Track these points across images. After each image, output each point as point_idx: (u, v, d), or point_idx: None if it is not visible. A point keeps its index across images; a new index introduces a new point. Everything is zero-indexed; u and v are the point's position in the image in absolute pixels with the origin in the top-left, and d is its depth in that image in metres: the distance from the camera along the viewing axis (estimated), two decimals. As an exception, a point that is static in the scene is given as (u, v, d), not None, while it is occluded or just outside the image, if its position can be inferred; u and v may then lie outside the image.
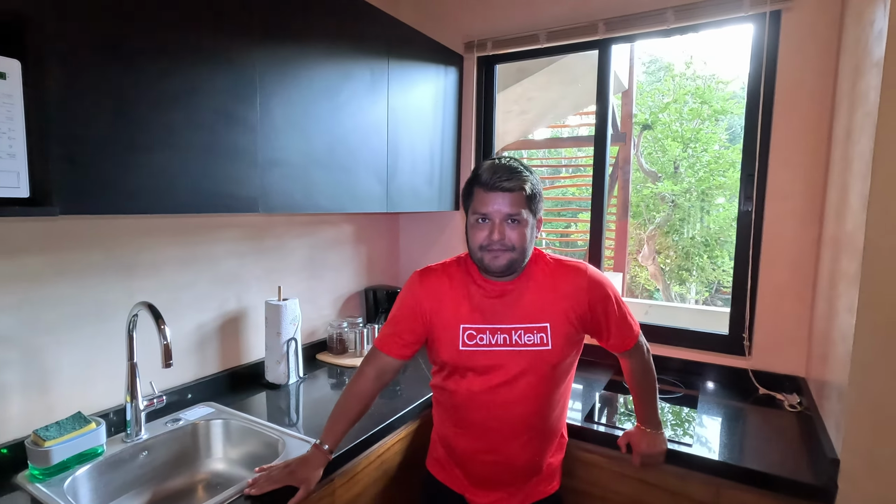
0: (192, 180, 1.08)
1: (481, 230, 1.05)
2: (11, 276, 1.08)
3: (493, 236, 1.03)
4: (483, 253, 1.05)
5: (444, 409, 1.16)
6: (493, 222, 1.03)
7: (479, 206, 1.05)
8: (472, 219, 1.07)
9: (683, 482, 1.22)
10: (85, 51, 0.88)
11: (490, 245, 1.04)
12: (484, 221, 1.05)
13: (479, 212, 1.05)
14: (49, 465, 1.03)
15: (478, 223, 1.06)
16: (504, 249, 1.04)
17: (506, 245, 1.03)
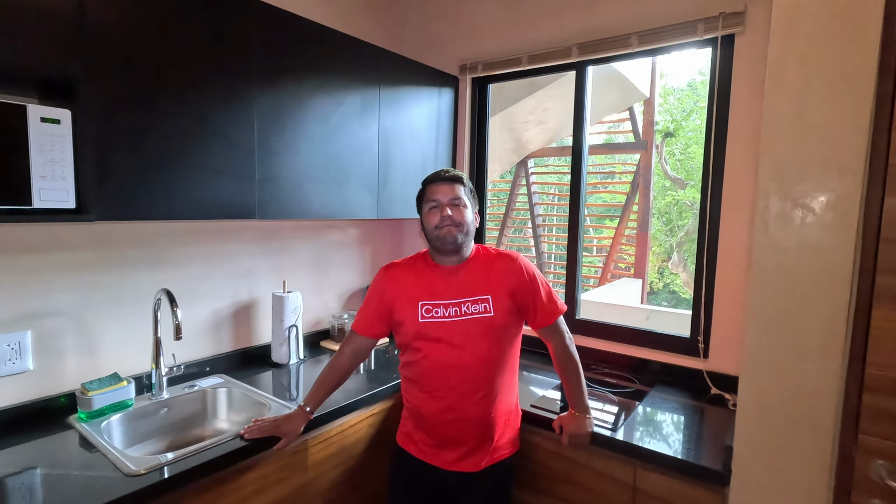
0: (198, 193, 1.37)
1: (434, 214, 1.32)
2: (69, 265, 1.41)
3: (444, 213, 1.30)
4: (438, 231, 1.31)
5: (412, 382, 1.37)
6: (442, 205, 1.31)
7: (430, 195, 1.34)
8: (426, 208, 1.34)
9: (607, 463, 1.38)
10: (116, 101, 1.19)
11: (442, 223, 1.30)
12: (436, 207, 1.32)
13: (430, 199, 1.33)
14: (91, 410, 1.35)
15: (431, 209, 1.33)
16: (455, 225, 1.30)
17: (454, 220, 1.30)
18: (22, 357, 1.34)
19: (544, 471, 1.50)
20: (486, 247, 1.43)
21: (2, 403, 1.31)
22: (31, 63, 1.07)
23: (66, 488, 1.06)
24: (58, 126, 1.09)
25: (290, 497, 1.38)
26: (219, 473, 1.21)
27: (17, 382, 1.34)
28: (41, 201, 1.08)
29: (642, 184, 4.17)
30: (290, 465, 1.38)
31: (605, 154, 4.82)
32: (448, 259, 1.36)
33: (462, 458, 1.35)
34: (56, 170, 1.10)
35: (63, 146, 1.10)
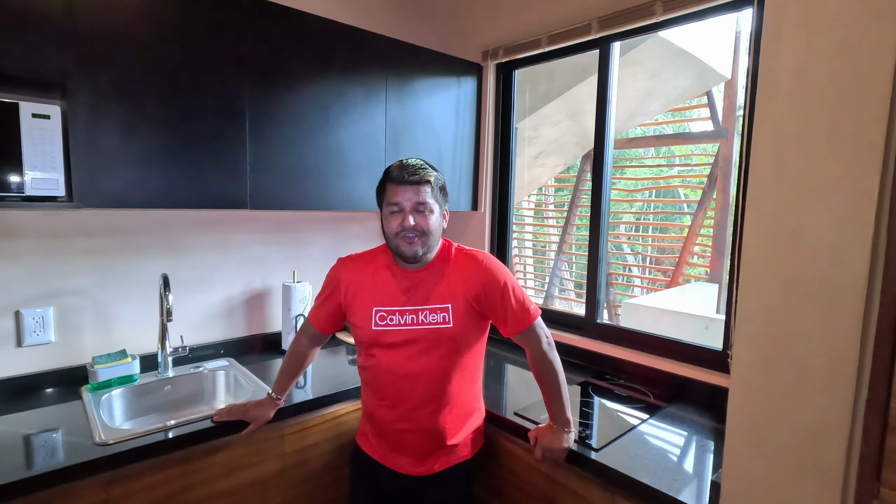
0: (188, 184, 1.44)
1: (395, 219, 1.19)
2: (88, 250, 1.57)
3: (405, 223, 1.18)
4: (398, 240, 1.20)
5: (367, 385, 1.31)
6: (404, 211, 1.19)
7: (391, 197, 1.20)
8: (387, 210, 1.22)
9: (585, 486, 1.22)
10: (106, 98, 1.29)
11: (403, 231, 1.18)
12: (398, 212, 1.20)
13: (391, 202, 1.20)
14: (98, 382, 1.49)
15: (391, 214, 1.20)
16: (417, 235, 1.19)
17: (417, 230, 1.18)
18: (45, 329, 1.50)
19: (522, 484, 1.37)
20: (453, 245, 1.30)
21: (27, 369, 1.49)
22: (23, 63, 1.18)
23: (49, 448, 1.17)
24: (48, 121, 1.21)
25: (262, 482, 1.41)
26: (185, 451, 1.27)
27: (40, 352, 1.51)
28: (33, 189, 1.20)
29: (721, 177, 3.70)
30: (262, 450, 1.40)
31: (675, 145, 4.34)
32: (411, 264, 1.25)
33: (415, 463, 1.27)
34: (46, 161, 1.21)
35: (53, 139, 1.21)
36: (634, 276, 4.96)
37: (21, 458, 1.13)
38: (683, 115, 4.36)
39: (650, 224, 4.83)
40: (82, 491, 1.12)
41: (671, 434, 1.34)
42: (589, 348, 1.86)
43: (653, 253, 4.71)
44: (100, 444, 1.19)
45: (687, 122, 4.34)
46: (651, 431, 1.35)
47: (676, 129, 4.58)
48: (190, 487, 1.28)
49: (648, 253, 4.84)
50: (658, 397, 1.56)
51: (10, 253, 1.44)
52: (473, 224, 2.32)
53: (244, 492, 1.38)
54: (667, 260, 4.30)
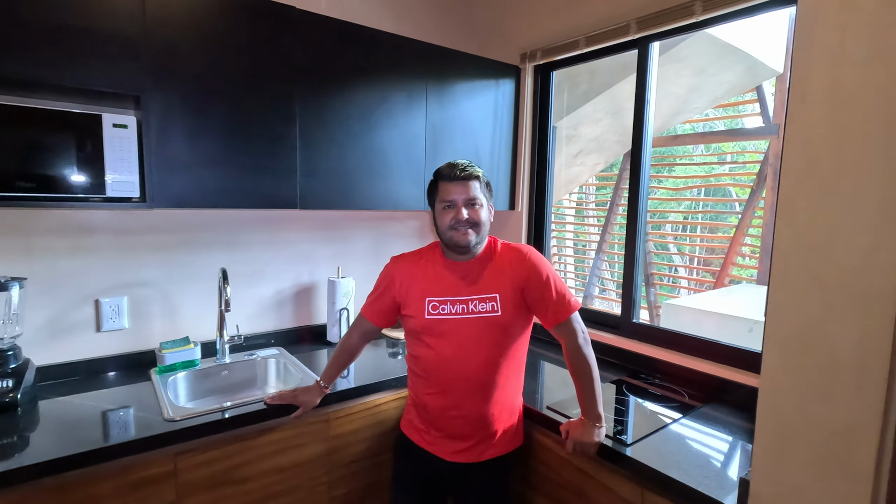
0: (244, 186, 1.56)
1: (448, 213, 1.30)
2: (157, 245, 1.73)
3: (459, 216, 1.28)
4: (452, 232, 1.30)
5: (417, 375, 1.40)
6: (457, 206, 1.28)
7: (444, 194, 1.31)
8: (440, 207, 1.32)
9: (615, 479, 1.25)
10: (174, 109, 1.42)
11: (457, 224, 1.28)
12: (450, 207, 1.30)
13: (445, 200, 1.31)
14: (164, 365, 1.64)
15: (445, 209, 1.31)
16: (470, 226, 1.28)
17: (470, 222, 1.28)
18: (120, 317, 1.67)
19: (554, 476, 1.41)
20: (498, 241, 1.39)
21: (106, 352, 1.66)
22: (105, 79, 1.33)
23: (124, 422, 1.32)
24: (125, 130, 1.35)
25: (309, 462, 1.52)
26: (240, 430, 1.39)
27: (116, 337, 1.68)
28: (112, 191, 1.35)
29: (771, 175, 3.55)
30: (309, 433, 1.51)
31: (722, 142, 4.17)
32: (458, 256, 1.35)
33: (461, 450, 1.34)
34: (124, 166, 1.35)
35: (129, 147, 1.36)
36: (680, 277, 4.83)
37: (102, 430, 1.28)
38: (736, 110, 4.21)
39: (697, 224, 4.69)
40: (154, 461, 1.25)
41: (704, 434, 1.35)
42: (624, 347, 1.87)
43: (699, 253, 4.57)
44: (168, 419, 1.32)
45: (737, 117, 4.18)
46: (684, 430, 1.36)
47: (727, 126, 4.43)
48: (245, 464, 1.40)
49: (695, 254, 4.69)
50: (693, 397, 1.56)
51: (91, 248, 1.61)
52: (511, 223, 2.36)
53: (293, 470, 1.49)
54: (714, 261, 4.17)
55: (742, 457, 1.25)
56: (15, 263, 1.49)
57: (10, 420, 1.30)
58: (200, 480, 1.33)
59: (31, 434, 1.25)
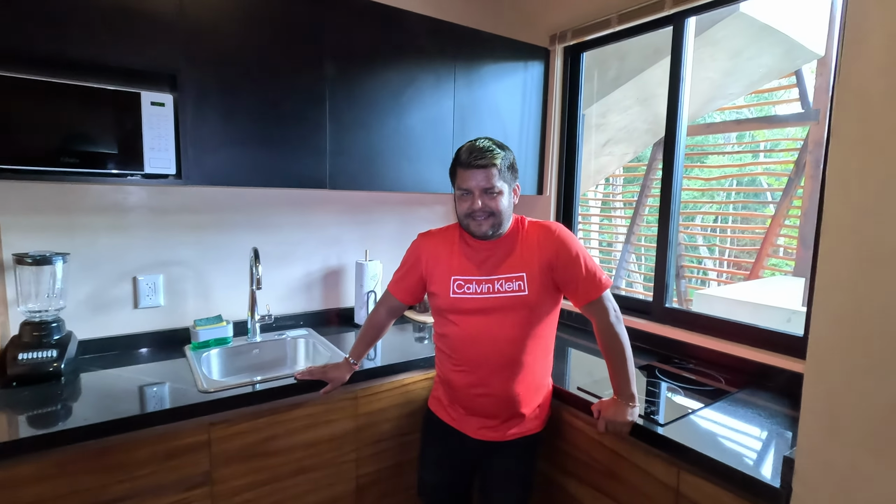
0: (275, 165, 1.58)
1: (465, 201, 1.28)
2: (192, 225, 1.76)
3: (474, 206, 1.25)
4: (468, 220, 1.28)
5: (444, 353, 1.39)
6: (473, 195, 1.26)
7: (461, 182, 1.28)
8: (458, 193, 1.30)
9: (649, 460, 1.22)
10: (209, 87, 1.45)
11: (473, 213, 1.26)
12: (467, 195, 1.27)
13: (461, 187, 1.28)
14: (198, 342, 1.68)
15: (462, 196, 1.29)
16: (485, 216, 1.26)
17: (486, 212, 1.25)
18: (156, 294, 1.72)
19: (584, 457, 1.39)
20: (526, 219, 1.36)
21: (143, 328, 1.71)
22: (143, 59, 1.36)
23: (161, 393, 1.36)
24: (163, 108, 1.38)
25: (337, 438, 1.53)
26: (271, 404, 1.41)
27: (152, 314, 1.73)
28: (151, 168, 1.38)
29: (810, 162, 3.41)
30: (337, 409, 1.52)
31: (759, 129, 4.02)
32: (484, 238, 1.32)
33: (488, 428, 1.33)
34: (161, 143, 1.39)
35: (166, 124, 1.39)
36: (710, 269, 4.69)
37: (140, 400, 1.32)
38: (768, 97, 4.06)
39: (728, 214, 4.55)
40: (189, 430, 1.28)
41: (741, 418, 1.30)
42: (656, 332, 1.82)
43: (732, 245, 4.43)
44: (203, 391, 1.35)
45: (771, 104, 4.04)
46: (720, 413, 1.32)
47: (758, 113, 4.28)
48: (276, 437, 1.42)
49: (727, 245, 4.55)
50: (730, 382, 1.51)
51: (129, 226, 1.66)
52: (539, 208, 2.33)
53: (322, 446, 1.51)
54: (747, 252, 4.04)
55: (781, 440, 1.21)
56: (59, 239, 1.55)
57: (54, 388, 1.35)
58: (233, 451, 1.35)
59: (75, 402, 1.29)
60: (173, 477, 1.27)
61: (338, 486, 1.55)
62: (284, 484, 1.45)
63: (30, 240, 1.51)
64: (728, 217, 4.54)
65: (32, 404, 1.26)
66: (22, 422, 1.17)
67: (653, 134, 4.36)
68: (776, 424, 1.28)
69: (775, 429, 1.26)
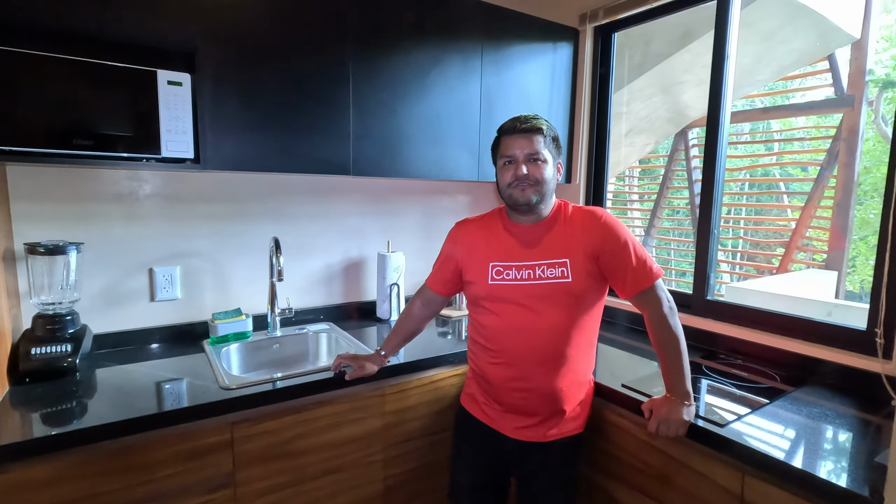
0: (297, 149, 1.50)
1: (508, 170, 1.21)
2: (208, 215, 1.69)
3: (518, 172, 1.18)
4: (511, 189, 1.21)
5: (479, 345, 1.30)
6: (517, 161, 1.19)
7: (504, 150, 1.22)
8: (500, 163, 1.24)
9: (708, 463, 1.12)
10: (228, 66, 1.37)
11: (516, 181, 1.19)
12: (510, 163, 1.21)
13: (505, 155, 1.22)
14: (217, 336, 1.60)
15: (505, 166, 1.22)
16: (529, 184, 1.18)
17: (530, 179, 1.18)
18: (173, 286, 1.64)
19: (630, 460, 1.29)
20: (569, 204, 1.28)
21: (160, 322, 1.64)
22: (158, 35, 1.28)
23: (180, 390, 1.28)
24: (180, 88, 1.30)
25: (364, 438, 1.45)
26: (297, 401, 1.33)
27: (169, 307, 1.65)
28: (168, 151, 1.30)
29: (844, 151, 3.27)
30: (365, 407, 1.44)
31: (789, 117, 3.87)
32: (524, 218, 1.25)
33: (527, 427, 1.24)
34: (178, 125, 1.30)
35: (184, 105, 1.31)
36: (735, 263, 4.55)
37: (159, 397, 1.25)
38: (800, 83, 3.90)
39: (753, 206, 4.41)
40: (211, 429, 1.21)
41: (806, 418, 1.20)
42: (698, 326, 1.72)
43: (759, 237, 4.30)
44: (224, 388, 1.27)
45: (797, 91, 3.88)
46: (782, 413, 1.22)
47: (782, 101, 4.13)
48: (301, 436, 1.34)
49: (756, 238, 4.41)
50: (784, 380, 1.40)
51: (144, 215, 1.58)
52: (566, 197, 2.22)
53: (348, 446, 1.43)
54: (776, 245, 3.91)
55: (860, 443, 1.10)
56: (72, 229, 1.47)
57: (68, 385, 1.28)
58: (257, 451, 1.28)
59: (91, 399, 1.22)
60: (196, 478, 1.20)
61: (365, 488, 1.48)
62: (310, 486, 1.38)
63: (41, 229, 1.44)
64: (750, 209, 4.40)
65: (48, 401, 1.19)
66: (37, 420, 1.10)
67: (675, 124, 4.24)
68: (846, 426, 1.18)
69: (847, 431, 1.16)
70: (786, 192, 4.21)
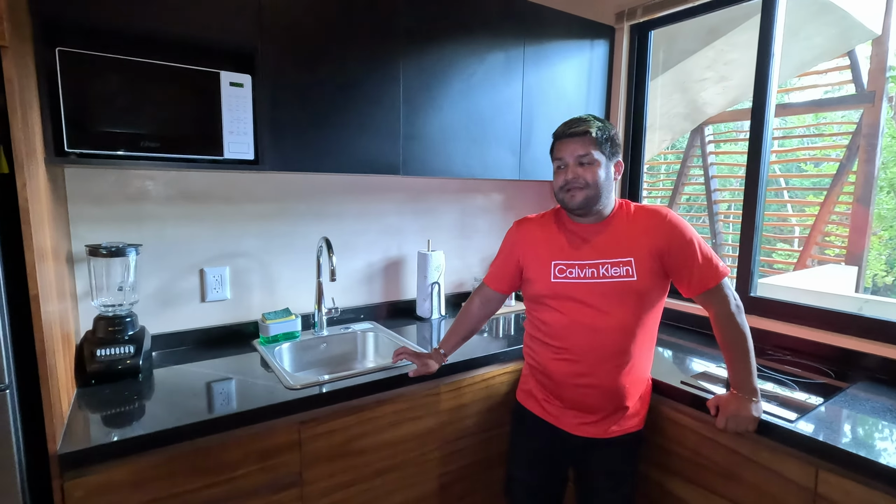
0: (350, 150, 1.50)
1: (560, 175, 1.23)
2: (256, 215, 1.69)
3: (567, 176, 1.20)
4: (563, 194, 1.23)
5: (541, 342, 1.30)
6: (567, 165, 1.20)
7: (556, 153, 1.24)
8: (554, 166, 1.26)
9: (779, 459, 1.14)
10: (285, 66, 1.37)
11: (567, 185, 1.20)
12: (562, 167, 1.22)
13: (557, 158, 1.24)
14: (268, 336, 1.61)
15: (558, 170, 1.24)
16: (579, 188, 1.19)
17: (580, 183, 1.19)
18: (223, 287, 1.65)
19: (691, 455, 1.31)
20: (631, 203, 1.28)
21: (211, 323, 1.64)
22: (220, 37, 1.28)
23: (245, 390, 1.29)
24: (241, 89, 1.30)
25: (422, 436, 1.46)
26: (359, 400, 1.34)
27: (219, 308, 1.66)
28: (230, 153, 1.30)
29: (864, 147, 3.29)
30: (423, 405, 1.45)
31: (807, 113, 3.88)
32: (584, 218, 1.25)
33: (588, 423, 1.26)
34: (240, 126, 1.31)
35: (245, 106, 1.31)
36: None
37: (227, 398, 1.26)
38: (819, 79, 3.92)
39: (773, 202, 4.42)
40: (281, 429, 1.21)
41: (870, 415, 1.21)
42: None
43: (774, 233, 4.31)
44: (290, 388, 1.28)
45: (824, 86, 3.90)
46: (844, 410, 1.23)
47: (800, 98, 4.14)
48: (362, 435, 1.35)
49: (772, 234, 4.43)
50: (840, 377, 1.42)
51: (195, 216, 1.58)
52: (600, 195, 2.24)
53: (405, 444, 1.44)
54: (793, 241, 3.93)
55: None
56: (127, 231, 1.48)
57: (134, 386, 1.28)
58: (322, 450, 1.29)
59: (160, 400, 1.22)
60: (266, 478, 1.20)
61: (420, 486, 1.49)
62: (369, 484, 1.39)
63: (97, 231, 1.44)
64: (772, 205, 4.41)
65: (117, 403, 1.19)
66: (113, 422, 1.10)
67: (692, 121, 4.25)
68: (908, 420, 1.19)
69: (910, 425, 1.17)
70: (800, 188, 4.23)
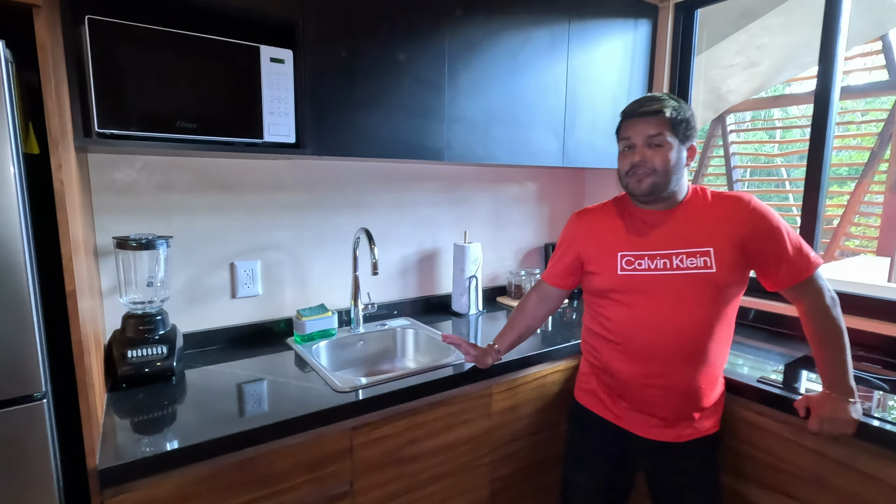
0: (394, 133, 1.40)
1: (626, 157, 1.12)
2: (288, 205, 1.58)
3: (634, 159, 1.09)
4: (628, 178, 1.12)
5: (605, 339, 1.20)
6: (635, 146, 1.10)
7: (623, 132, 1.13)
8: (620, 147, 1.15)
9: (880, 464, 1.04)
10: (327, 41, 1.26)
11: (633, 169, 1.10)
12: (629, 149, 1.11)
13: (623, 137, 1.13)
14: (304, 334, 1.51)
15: (624, 151, 1.13)
16: (647, 173, 1.09)
17: (648, 168, 1.08)
18: (254, 282, 1.54)
19: (770, 459, 1.21)
20: (707, 189, 1.17)
21: (242, 320, 1.54)
22: (260, 8, 1.17)
23: (289, 394, 1.18)
24: (282, 66, 1.19)
25: (474, 439, 1.37)
26: (411, 403, 1.24)
27: (250, 304, 1.55)
28: (270, 135, 1.20)
29: (897, 135, 3.20)
30: (475, 407, 1.35)
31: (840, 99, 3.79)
32: (653, 205, 1.14)
33: (661, 426, 1.16)
34: (281, 106, 1.20)
35: (286, 84, 1.20)
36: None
37: (269, 402, 1.15)
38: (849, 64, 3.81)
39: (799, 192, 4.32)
40: (331, 436, 1.11)
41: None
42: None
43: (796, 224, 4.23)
44: (339, 391, 1.18)
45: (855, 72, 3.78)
46: (940, 408, 1.14)
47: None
48: (415, 441, 1.26)
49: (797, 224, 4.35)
50: (923, 371, 1.33)
51: (224, 206, 1.48)
52: (640, 184, 2.14)
53: (458, 449, 1.34)
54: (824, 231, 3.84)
55: None
56: (155, 222, 1.37)
57: (166, 390, 1.18)
58: (374, 458, 1.19)
59: (199, 406, 1.12)
60: (315, 489, 1.11)
61: (472, 493, 1.40)
62: (422, 492, 1.30)
63: (123, 223, 1.33)
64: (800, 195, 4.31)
65: (154, 409, 1.09)
66: (151, 432, 1.00)
67: (713, 109, 4.15)
68: None
69: None
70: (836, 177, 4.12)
